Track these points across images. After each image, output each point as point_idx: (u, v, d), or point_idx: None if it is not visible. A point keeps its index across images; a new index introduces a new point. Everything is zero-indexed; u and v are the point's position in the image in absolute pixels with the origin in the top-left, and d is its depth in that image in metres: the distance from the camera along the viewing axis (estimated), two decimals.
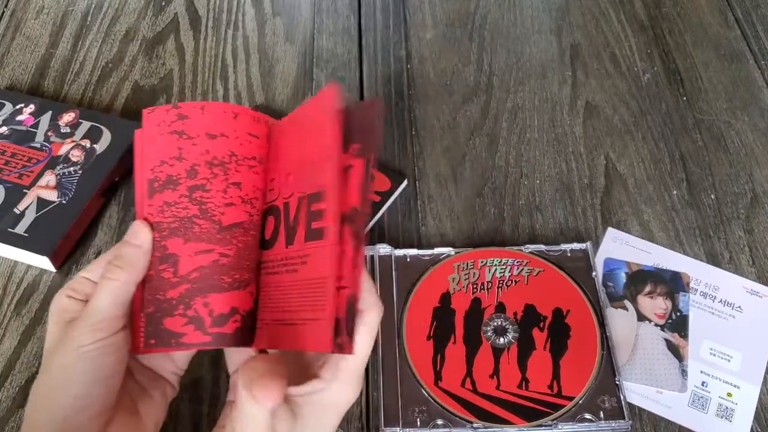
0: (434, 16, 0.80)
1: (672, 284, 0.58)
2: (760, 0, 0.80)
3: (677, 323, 0.56)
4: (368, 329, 0.38)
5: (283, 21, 0.80)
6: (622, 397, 0.51)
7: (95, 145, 0.64)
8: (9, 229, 0.58)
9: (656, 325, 0.56)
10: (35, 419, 0.38)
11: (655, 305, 0.57)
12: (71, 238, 0.60)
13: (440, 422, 0.50)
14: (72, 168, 0.62)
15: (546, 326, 0.55)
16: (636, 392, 0.53)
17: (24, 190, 0.61)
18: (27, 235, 0.58)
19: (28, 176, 0.62)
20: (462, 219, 0.63)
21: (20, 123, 0.66)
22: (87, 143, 0.64)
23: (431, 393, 0.52)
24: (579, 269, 0.58)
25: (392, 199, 0.63)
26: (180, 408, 0.52)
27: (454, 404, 0.51)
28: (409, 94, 0.73)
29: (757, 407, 0.52)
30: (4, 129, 0.65)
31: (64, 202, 0.60)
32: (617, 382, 0.52)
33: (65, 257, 0.60)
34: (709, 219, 0.63)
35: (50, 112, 0.66)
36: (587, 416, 0.50)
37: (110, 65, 0.75)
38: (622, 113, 0.71)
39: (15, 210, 0.59)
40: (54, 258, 0.58)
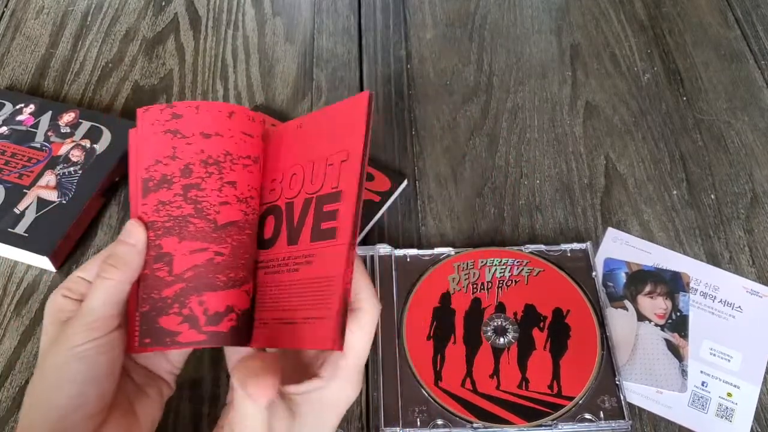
0: (434, 16, 0.80)
1: (672, 284, 0.58)
2: (760, 0, 0.80)
3: (677, 323, 0.56)
4: (366, 328, 0.38)
5: (283, 21, 0.80)
6: (622, 397, 0.51)
7: (95, 145, 0.64)
8: (9, 229, 0.58)
9: (656, 325, 0.56)
10: (29, 419, 0.38)
11: (655, 305, 0.57)
12: (71, 238, 0.60)
13: (440, 422, 0.50)
14: (72, 168, 0.62)
15: (546, 326, 0.55)
16: (636, 392, 0.53)
17: (24, 190, 0.61)
18: (27, 235, 0.58)
19: (28, 176, 0.62)
20: (462, 219, 0.63)
21: (20, 123, 0.66)
22: (87, 143, 0.64)
23: (431, 393, 0.52)
24: (579, 269, 0.58)
25: (392, 199, 0.63)
26: (180, 408, 0.52)
27: (454, 404, 0.51)
28: (409, 94, 0.73)
29: (757, 407, 0.52)
30: (4, 129, 0.65)
31: (64, 202, 0.60)
32: (617, 382, 0.52)
33: (65, 257, 0.60)
34: (709, 219, 0.63)
35: (50, 112, 0.66)
36: (587, 416, 0.50)
37: (110, 65, 0.75)
38: (622, 113, 0.71)
39: (15, 210, 0.59)
40: (54, 258, 0.58)
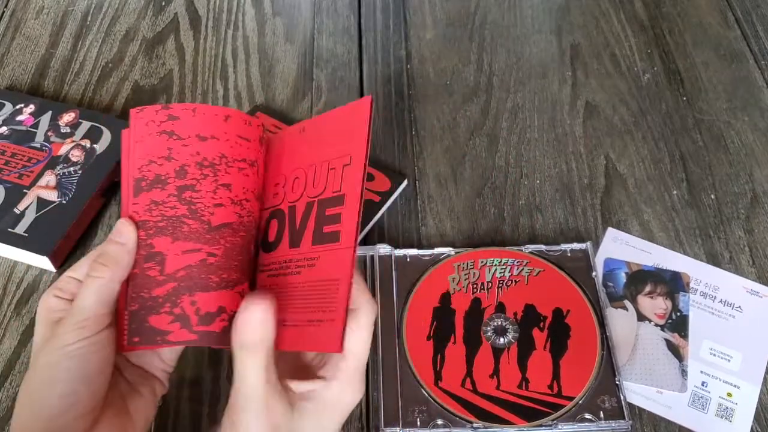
0: (434, 16, 0.80)
1: (672, 284, 0.58)
2: (760, 0, 0.80)
3: (677, 323, 0.56)
4: (364, 328, 0.38)
5: (283, 21, 0.80)
6: (622, 397, 0.51)
7: (95, 145, 0.64)
8: (9, 229, 0.58)
9: (656, 325, 0.56)
10: (21, 419, 0.38)
11: (655, 305, 0.57)
12: (71, 238, 0.60)
13: (440, 422, 0.50)
14: (72, 168, 0.62)
15: (546, 326, 0.55)
16: (636, 392, 0.53)
17: (24, 190, 0.61)
18: (27, 235, 0.58)
19: (28, 176, 0.62)
20: (462, 219, 0.63)
21: (20, 123, 0.66)
22: (87, 143, 0.64)
23: (431, 393, 0.52)
24: (579, 269, 0.58)
25: (392, 199, 0.63)
26: (180, 408, 0.52)
27: (454, 404, 0.51)
28: (409, 94, 0.73)
29: (757, 407, 0.52)
30: (4, 129, 0.65)
31: (64, 202, 0.60)
32: (617, 382, 0.52)
33: (65, 257, 0.60)
34: (709, 219, 0.63)
35: (50, 112, 0.66)
36: (587, 416, 0.50)
37: (110, 65, 0.75)
38: (622, 113, 0.71)
39: (15, 210, 0.59)
40: (54, 258, 0.58)
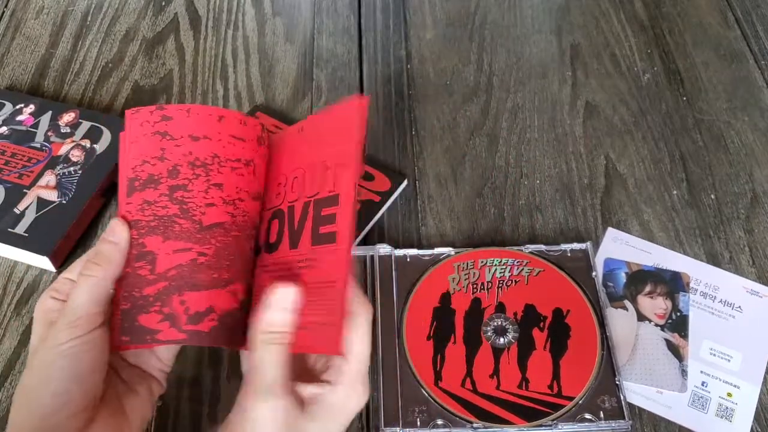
0: (434, 16, 0.80)
1: (672, 284, 0.58)
2: (760, 0, 0.80)
3: (677, 323, 0.56)
4: (362, 330, 0.39)
5: (283, 21, 0.80)
6: (622, 397, 0.51)
7: (95, 145, 0.64)
8: (9, 229, 0.58)
9: (656, 325, 0.56)
10: (16, 419, 0.38)
11: (655, 305, 0.57)
12: (71, 238, 0.60)
13: (440, 422, 0.50)
14: (72, 168, 0.62)
15: (546, 326, 0.55)
16: (636, 392, 0.53)
17: (24, 190, 0.61)
18: (27, 235, 0.58)
19: (28, 176, 0.62)
20: (462, 219, 0.63)
21: (20, 123, 0.66)
22: (87, 143, 0.64)
23: (431, 393, 0.52)
24: (579, 269, 0.58)
25: (392, 199, 0.63)
26: (180, 407, 0.52)
27: (454, 404, 0.51)
28: (409, 94, 0.73)
29: (757, 407, 0.52)
30: (4, 129, 0.65)
31: (64, 202, 0.60)
32: (617, 382, 0.52)
33: (65, 257, 0.60)
34: (709, 219, 0.63)
35: (50, 112, 0.66)
36: (587, 416, 0.50)
37: (110, 65, 0.75)
38: (622, 113, 0.71)
39: (15, 210, 0.59)
40: (54, 258, 0.58)
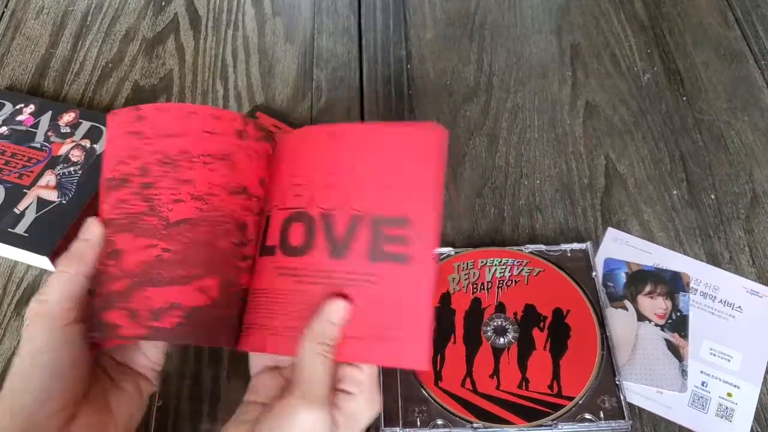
0: (434, 16, 0.80)
1: (672, 284, 0.58)
2: (760, 0, 0.80)
3: (677, 323, 0.56)
4: None
5: (283, 21, 0.80)
6: (622, 397, 0.51)
7: (95, 145, 0.64)
8: (9, 229, 0.58)
9: (656, 325, 0.56)
10: (2, 421, 0.39)
11: (655, 305, 0.57)
12: (71, 238, 0.58)
13: (440, 422, 0.50)
14: (72, 168, 0.62)
15: (546, 326, 0.55)
16: (636, 392, 0.53)
17: (24, 190, 0.61)
18: (27, 235, 0.58)
19: (28, 176, 0.62)
20: (462, 219, 0.63)
21: (20, 123, 0.66)
22: (87, 143, 0.64)
23: (431, 393, 0.52)
24: (579, 269, 0.58)
25: None
26: (180, 407, 0.52)
27: (454, 404, 0.51)
28: (409, 94, 0.73)
29: (757, 407, 0.52)
30: (4, 129, 0.65)
31: (64, 202, 0.60)
32: (617, 382, 0.52)
33: None
34: (709, 219, 0.63)
35: (50, 112, 0.67)
36: (587, 416, 0.50)
37: (110, 65, 0.75)
38: (622, 113, 0.71)
39: (15, 210, 0.59)
40: (54, 258, 0.58)
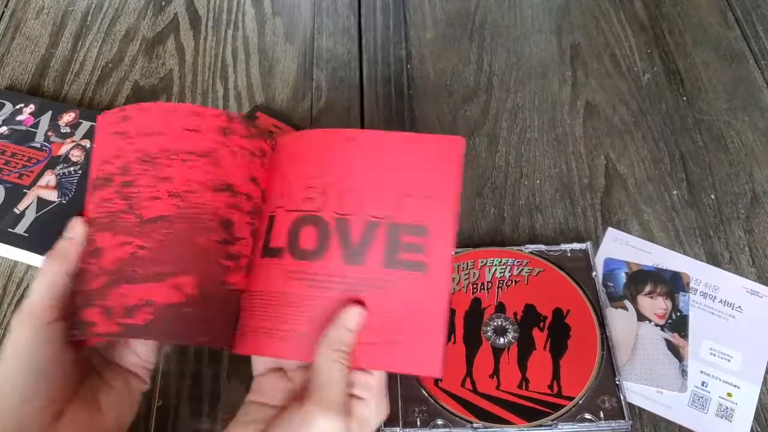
0: (434, 16, 0.80)
1: (672, 284, 0.58)
2: (760, 0, 0.80)
3: (677, 323, 0.56)
4: None
5: (283, 21, 0.80)
6: (622, 397, 0.51)
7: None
8: (9, 229, 0.58)
9: (656, 325, 0.56)
10: None
11: (655, 305, 0.57)
12: None
13: (440, 422, 0.50)
14: (72, 168, 0.62)
15: (546, 326, 0.55)
16: (636, 392, 0.53)
17: (24, 190, 0.61)
18: (27, 235, 0.58)
19: (28, 176, 0.62)
20: (462, 219, 0.63)
21: (20, 123, 0.66)
22: (87, 143, 0.64)
23: (431, 393, 0.52)
24: (579, 269, 0.58)
25: None
26: (180, 407, 0.52)
27: (454, 404, 0.51)
28: (409, 94, 0.73)
29: (757, 407, 0.52)
30: (4, 129, 0.65)
31: (64, 202, 0.60)
32: (617, 382, 0.52)
33: None
34: (709, 219, 0.63)
35: (50, 112, 0.67)
36: (587, 416, 0.50)
37: (110, 65, 0.75)
38: (622, 113, 0.71)
39: (15, 210, 0.59)
40: None
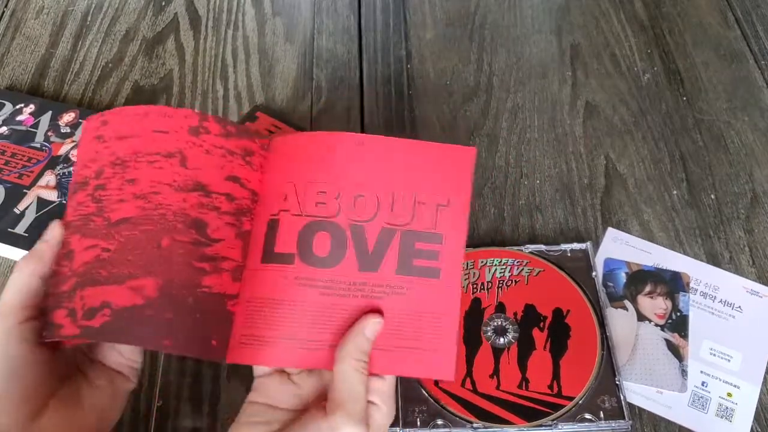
0: (434, 16, 0.80)
1: (672, 284, 0.58)
2: (760, 0, 0.80)
3: (677, 323, 0.56)
4: None
5: (283, 21, 0.80)
6: (622, 397, 0.51)
7: None
8: (9, 229, 0.58)
9: (656, 325, 0.56)
10: None
11: (655, 305, 0.57)
12: None
13: (440, 422, 0.50)
14: (72, 168, 0.62)
15: (546, 326, 0.55)
16: (636, 392, 0.53)
17: (24, 190, 0.61)
18: (27, 235, 0.58)
19: (28, 176, 0.62)
20: None
21: (20, 123, 0.66)
22: None
23: (431, 393, 0.52)
24: (579, 269, 0.58)
25: None
26: (180, 407, 0.52)
27: (454, 404, 0.51)
28: (409, 94, 0.73)
29: (757, 407, 0.52)
30: (4, 129, 0.65)
31: (64, 202, 0.60)
32: (617, 382, 0.52)
33: None
34: (709, 219, 0.63)
35: (50, 112, 0.67)
36: (587, 416, 0.50)
37: (110, 65, 0.75)
38: (622, 113, 0.71)
39: (15, 210, 0.59)
40: None
